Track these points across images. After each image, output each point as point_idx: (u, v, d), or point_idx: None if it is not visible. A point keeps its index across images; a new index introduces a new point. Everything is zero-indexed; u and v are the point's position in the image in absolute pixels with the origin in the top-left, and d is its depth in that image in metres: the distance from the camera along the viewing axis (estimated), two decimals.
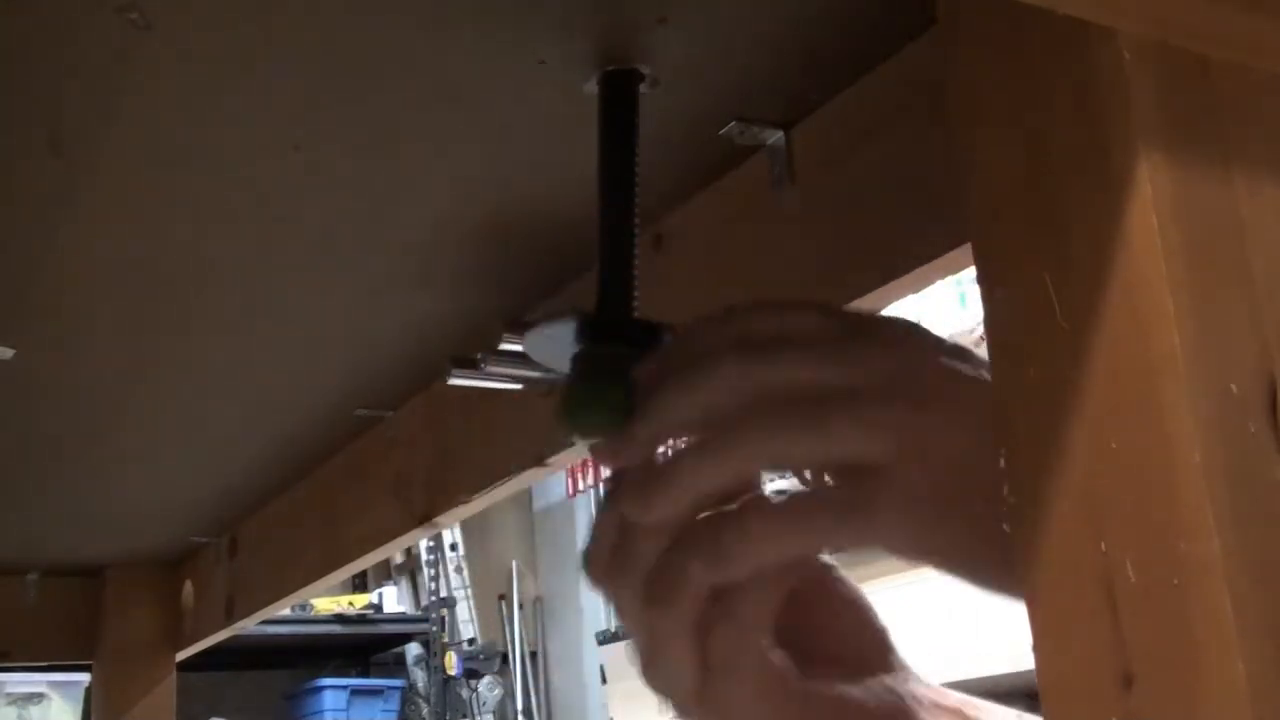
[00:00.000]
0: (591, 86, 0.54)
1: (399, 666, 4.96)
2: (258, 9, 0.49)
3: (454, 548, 5.08)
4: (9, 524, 1.19)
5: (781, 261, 0.60)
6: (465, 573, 5.12)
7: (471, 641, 5.05)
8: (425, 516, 0.89)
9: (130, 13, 0.48)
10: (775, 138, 0.60)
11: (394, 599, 5.02)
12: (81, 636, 1.40)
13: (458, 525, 4.91)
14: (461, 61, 0.53)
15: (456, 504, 0.85)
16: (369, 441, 0.98)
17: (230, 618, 1.23)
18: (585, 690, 4.94)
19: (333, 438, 1.00)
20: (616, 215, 0.54)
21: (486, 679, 4.90)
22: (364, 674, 5.00)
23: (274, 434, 0.98)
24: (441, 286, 0.74)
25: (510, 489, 0.84)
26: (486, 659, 4.97)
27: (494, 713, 4.90)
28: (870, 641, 0.56)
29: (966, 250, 0.45)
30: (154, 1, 0.48)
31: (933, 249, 0.52)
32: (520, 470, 0.80)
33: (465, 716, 4.84)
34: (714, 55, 0.54)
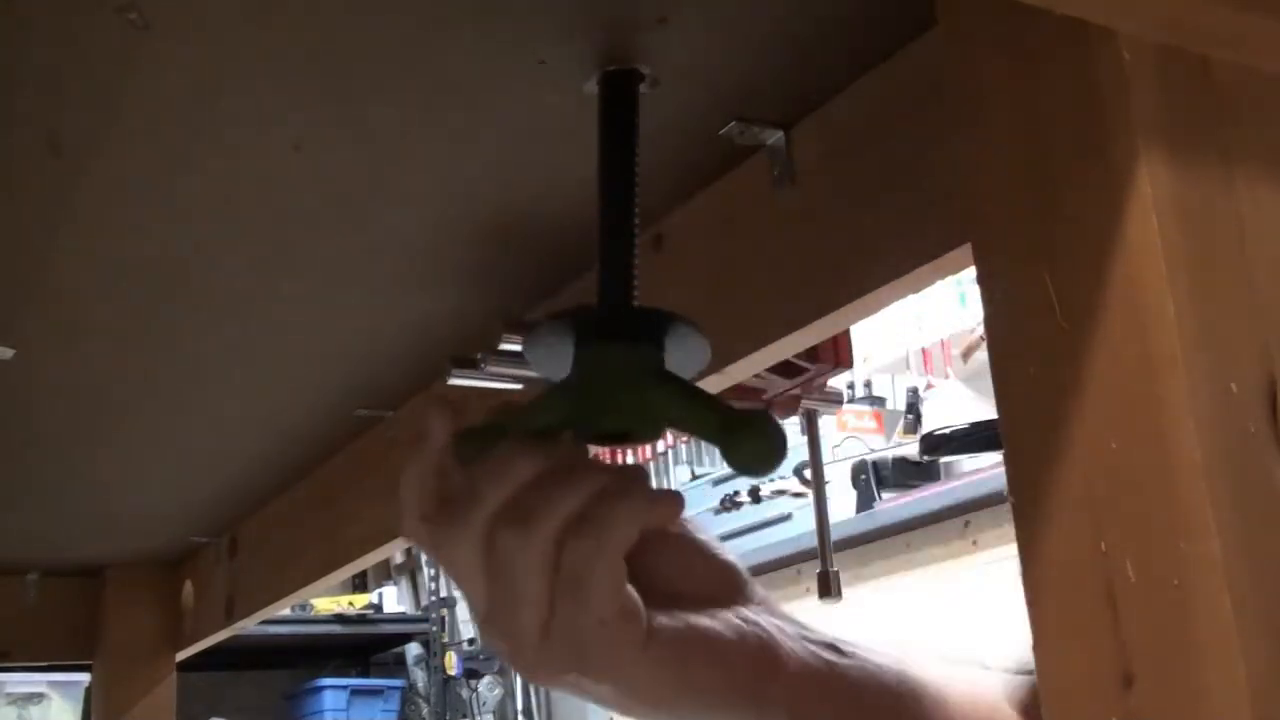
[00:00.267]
0: (591, 86, 0.54)
1: (399, 666, 4.96)
2: (258, 9, 0.49)
3: None
4: (9, 524, 1.19)
5: (781, 261, 0.60)
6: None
7: (471, 641, 5.04)
8: (425, 517, 0.88)
9: (130, 13, 0.48)
10: (775, 138, 0.60)
11: (394, 599, 5.02)
12: (81, 636, 1.40)
13: None
14: (462, 61, 0.53)
15: None
16: (369, 441, 0.98)
17: (230, 618, 1.23)
18: None
19: (333, 437, 0.99)
20: (616, 215, 0.54)
21: (486, 679, 4.90)
22: (364, 674, 4.99)
23: (274, 434, 0.98)
24: (441, 286, 0.74)
25: None
26: (486, 659, 4.96)
27: (494, 713, 4.90)
28: (721, 579, 0.57)
29: (966, 250, 0.45)
30: (154, 1, 0.48)
31: (933, 249, 0.52)
32: None
33: (465, 716, 4.84)
34: (714, 55, 0.54)
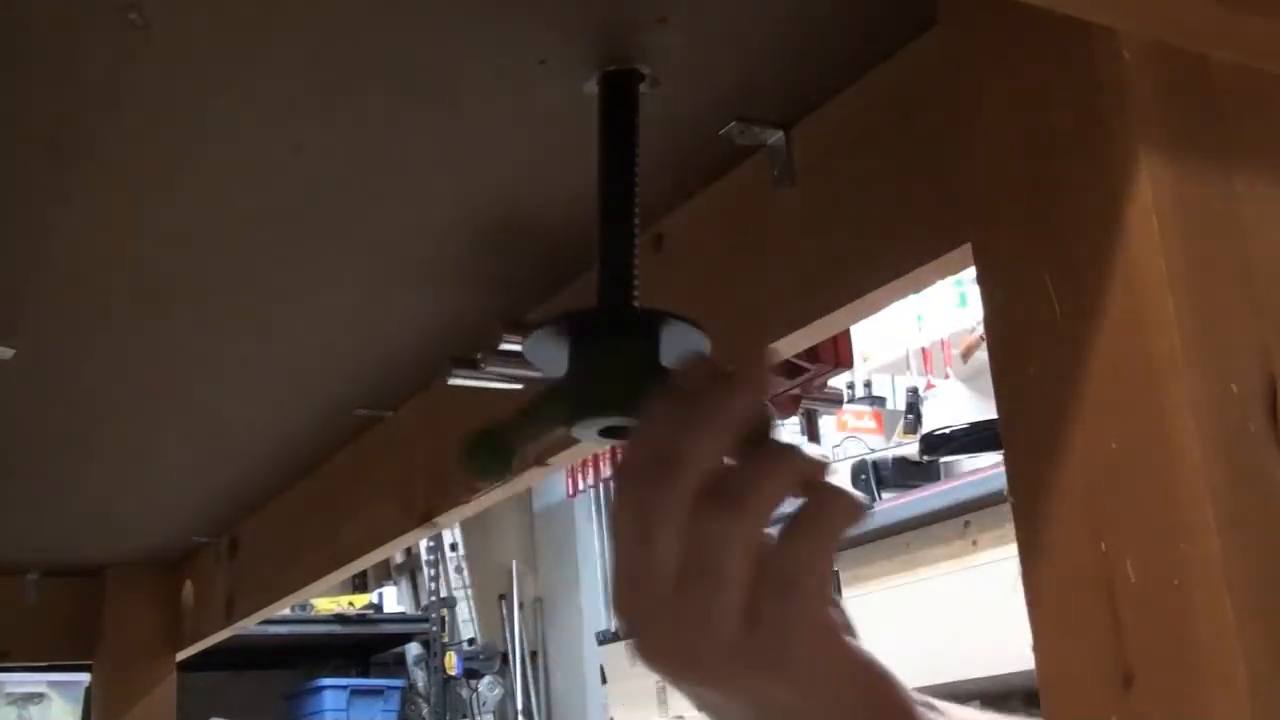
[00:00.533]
0: (591, 86, 0.54)
1: (399, 666, 4.96)
2: (258, 10, 0.49)
3: (454, 548, 5.07)
4: (9, 524, 1.19)
5: (781, 261, 0.60)
6: (465, 573, 5.11)
7: (471, 641, 5.04)
8: (425, 516, 0.89)
9: (130, 13, 0.48)
10: (775, 138, 0.60)
11: (394, 599, 5.02)
12: (81, 636, 1.40)
13: (458, 525, 4.91)
14: (462, 62, 0.53)
15: (456, 504, 0.85)
16: (369, 441, 0.98)
17: (230, 618, 1.23)
18: (585, 690, 4.94)
19: (333, 437, 0.99)
20: (616, 215, 0.54)
21: (486, 679, 4.90)
22: (364, 674, 4.99)
23: (274, 434, 0.98)
24: (441, 286, 0.74)
25: (510, 489, 0.84)
26: (486, 659, 4.96)
27: (494, 713, 4.90)
28: (840, 616, 0.56)
29: (966, 250, 0.45)
30: (154, 1, 0.48)
31: (933, 249, 0.52)
32: (520, 470, 0.80)
33: (465, 716, 4.84)
34: (714, 55, 0.54)
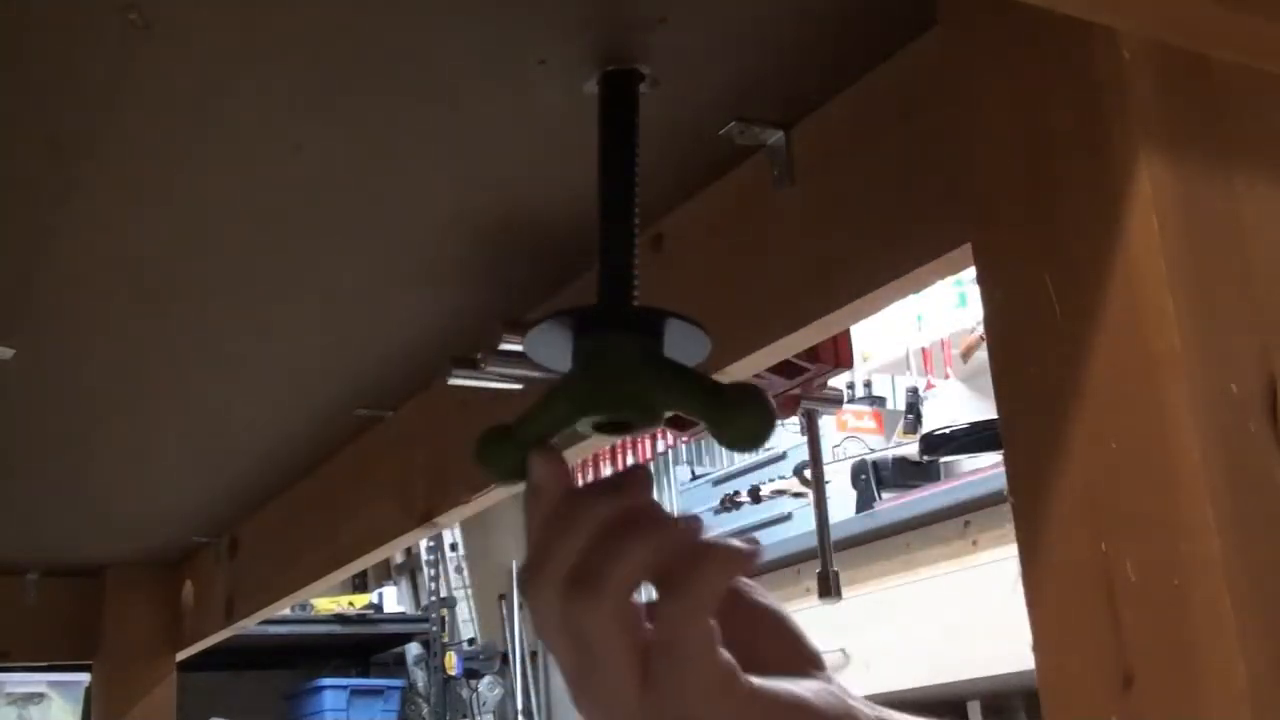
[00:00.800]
0: (591, 86, 0.54)
1: (399, 666, 4.95)
2: (258, 9, 0.49)
3: (454, 548, 5.07)
4: (9, 524, 1.19)
5: (781, 261, 0.60)
6: (465, 573, 5.11)
7: (471, 641, 5.04)
8: (425, 516, 0.89)
9: (130, 13, 0.48)
10: (775, 138, 0.60)
11: (394, 599, 5.02)
12: (81, 636, 1.40)
13: (458, 525, 4.91)
14: (462, 62, 0.53)
15: (456, 504, 0.85)
16: (369, 441, 0.98)
17: (230, 618, 1.23)
18: None
19: (333, 437, 0.99)
20: (616, 215, 0.54)
21: (486, 679, 4.90)
22: (364, 674, 4.99)
23: (274, 434, 0.98)
24: (442, 286, 0.74)
25: (510, 489, 0.84)
26: (486, 659, 4.96)
27: (494, 713, 4.90)
28: (792, 649, 0.56)
29: (966, 250, 0.45)
30: (154, 1, 0.48)
31: (933, 249, 0.52)
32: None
33: (465, 716, 4.84)
34: (714, 55, 0.54)
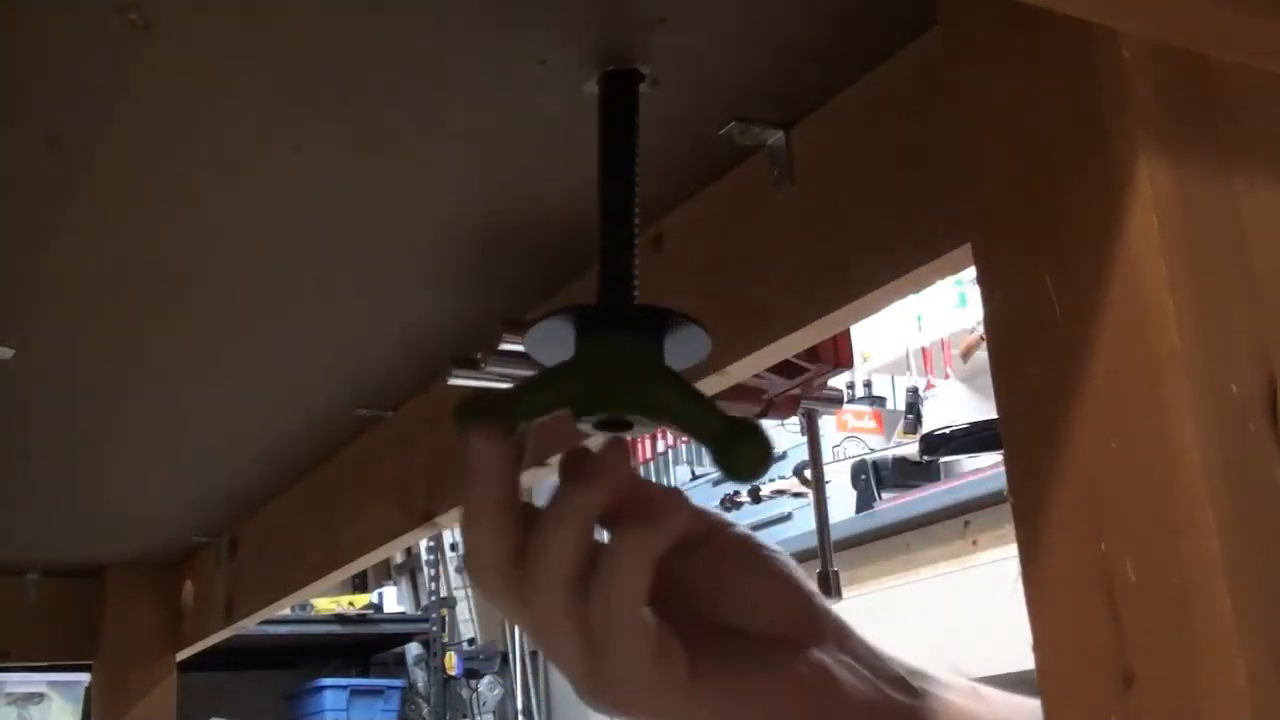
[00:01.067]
0: (591, 86, 0.54)
1: (399, 666, 4.96)
2: (258, 9, 0.49)
3: (454, 548, 5.07)
4: (9, 524, 1.19)
5: (781, 261, 0.60)
6: (465, 573, 5.11)
7: (471, 641, 5.04)
8: (425, 516, 0.89)
9: (130, 13, 0.48)
10: (775, 138, 0.60)
11: (394, 599, 5.02)
12: (81, 636, 1.39)
13: (458, 525, 4.90)
14: (462, 61, 0.53)
15: (456, 504, 0.85)
16: (369, 441, 0.98)
17: (230, 618, 1.23)
18: None
19: (333, 438, 0.99)
20: (616, 215, 0.54)
21: (486, 679, 4.90)
22: (364, 674, 5.00)
23: (274, 434, 0.98)
24: (442, 286, 0.74)
25: None
26: (486, 659, 4.97)
27: (494, 713, 4.90)
28: (795, 612, 0.56)
29: (966, 250, 0.45)
30: (154, 1, 0.48)
31: (933, 249, 0.52)
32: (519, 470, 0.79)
33: (465, 716, 4.84)
34: (714, 55, 0.54)
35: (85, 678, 2.91)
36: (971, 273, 0.44)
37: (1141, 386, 0.36)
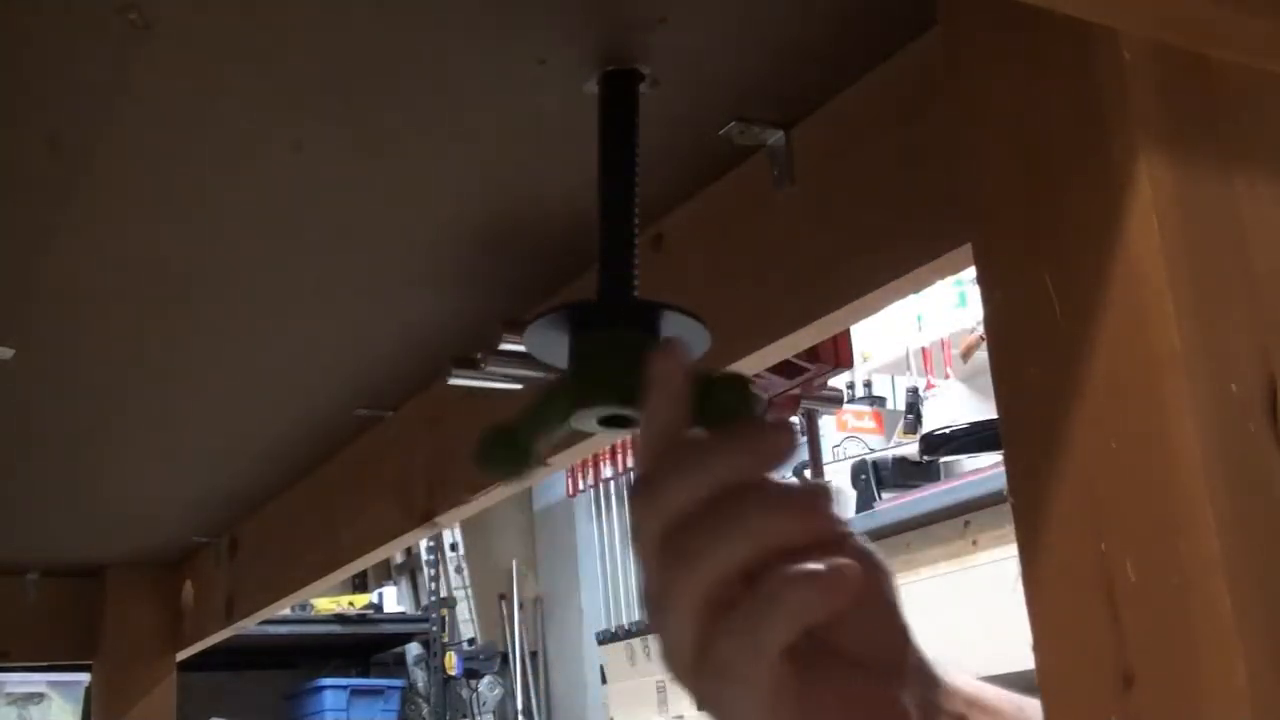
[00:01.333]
0: (591, 86, 0.54)
1: (399, 666, 4.96)
2: (258, 9, 0.49)
3: (454, 548, 5.08)
4: (9, 524, 1.19)
5: (781, 261, 0.60)
6: (465, 573, 5.11)
7: (471, 641, 5.04)
8: (425, 516, 0.89)
9: (130, 13, 0.48)
10: (775, 138, 0.60)
11: (394, 599, 5.02)
12: (81, 636, 1.40)
13: (458, 525, 4.91)
14: (462, 61, 0.53)
15: (456, 504, 0.85)
16: (369, 441, 0.98)
17: (230, 618, 1.23)
18: (585, 690, 4.94)
19: (333, 438, 0.99)
20: (616, 215, 0.54)
21: (486, 679, 4.90)
22: (364, 674, 5.00)
23: (274, 434, 0.98)
24: (442, 286, 0.74)
25: (510, 489, 0.84)
26: (486, 659, 4.97)
27: (494, 713, 4.90)
28: (885, 644, 0.54)
29: (966, 250, 0.45)
30: (154, 1, 0.48)
31: (933, 249, 0.52)
32: (537, 466, 0.79)
33: (465, 716, 4.84)
34: (714, 55, 0.54)
35: (85, 678, 2.91)
36: (971, 273, 0.44)
37: (1141, 386, 0.36)
